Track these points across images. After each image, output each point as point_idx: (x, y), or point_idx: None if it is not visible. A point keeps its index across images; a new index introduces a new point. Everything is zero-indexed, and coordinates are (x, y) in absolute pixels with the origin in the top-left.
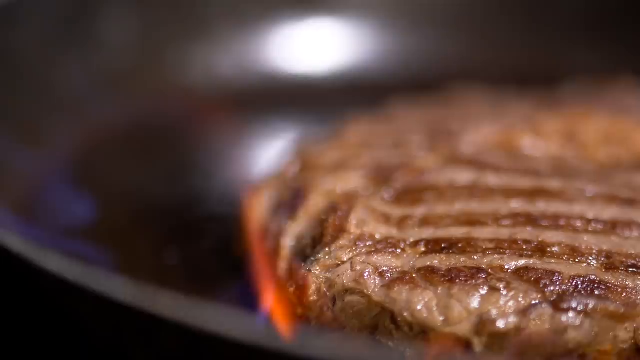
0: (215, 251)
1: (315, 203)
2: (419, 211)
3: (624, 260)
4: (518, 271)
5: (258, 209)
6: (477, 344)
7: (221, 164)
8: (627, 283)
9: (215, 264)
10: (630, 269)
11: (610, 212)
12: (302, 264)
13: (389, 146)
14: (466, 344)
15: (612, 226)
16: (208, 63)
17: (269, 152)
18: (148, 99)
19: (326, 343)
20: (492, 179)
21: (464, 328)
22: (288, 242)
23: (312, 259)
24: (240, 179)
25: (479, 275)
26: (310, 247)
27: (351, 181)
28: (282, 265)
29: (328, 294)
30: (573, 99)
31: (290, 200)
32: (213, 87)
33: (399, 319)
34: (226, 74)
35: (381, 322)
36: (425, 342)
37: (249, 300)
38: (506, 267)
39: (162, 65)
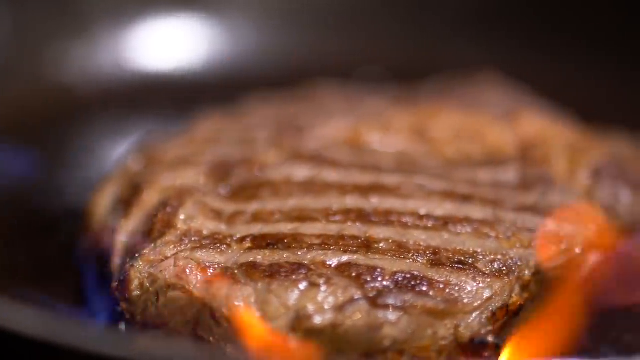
0: (64, 248)
1: (149, 199)
2: (252, 207)
3: (452, 256)
4: (340, 267)
5: (100, 205)
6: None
7: (84, 160)
8: (450, 279)
9: (62, 261)
10: (457, 265)
11: (445, 208)
12: (128, 260)
13: (235, 142)
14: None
15: (445, 222)
16: (81, 60)
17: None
18: (20, 97)
19: (138, 344)
20: (329, 175)
21: (280, 324)
22: (121, 239)
23: (137, 254)
24: (98, 175)
25: (300, 271)
26: (141, 243)
27: (190, 177)
28: (115, 261)
29: (151, 289)
30: (429, 95)
31: (129, 196)
32: (85, 83)
33: (217, 315)
34: (98, 71)
35: (202, 318)
36: (244, 338)
37: (84, 298)
38: (329, 262)
39: (36, 62)
